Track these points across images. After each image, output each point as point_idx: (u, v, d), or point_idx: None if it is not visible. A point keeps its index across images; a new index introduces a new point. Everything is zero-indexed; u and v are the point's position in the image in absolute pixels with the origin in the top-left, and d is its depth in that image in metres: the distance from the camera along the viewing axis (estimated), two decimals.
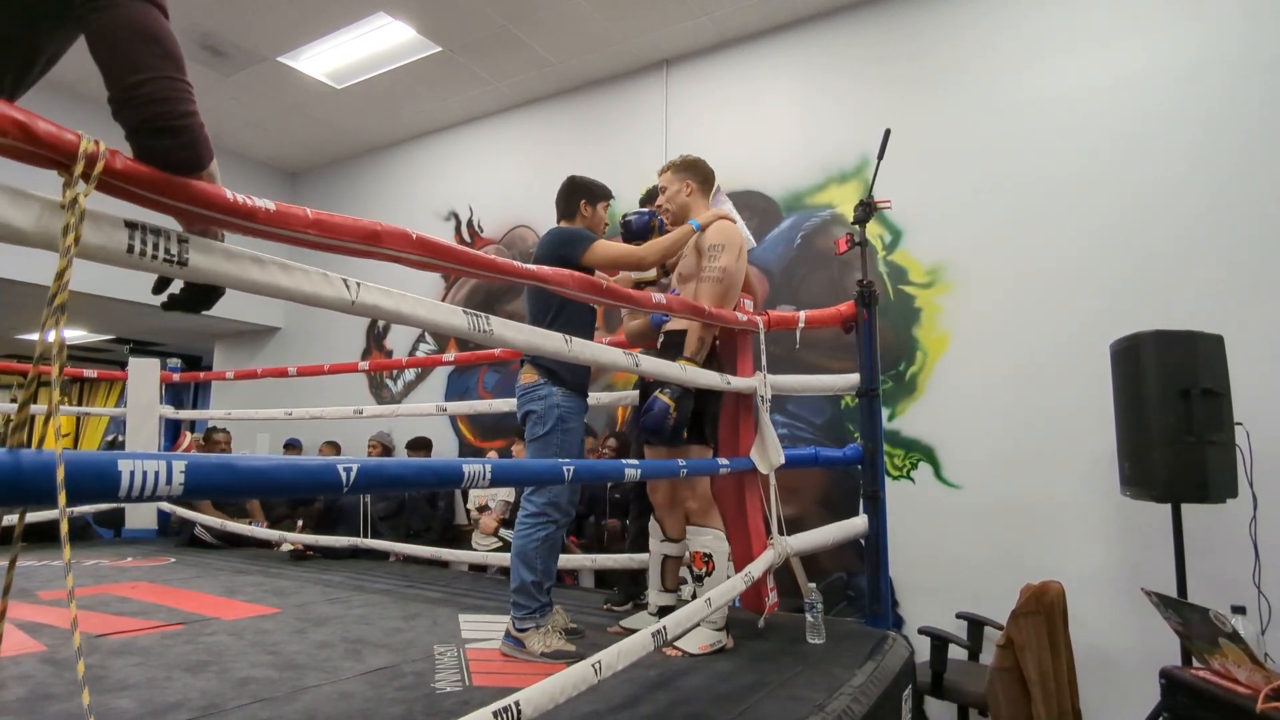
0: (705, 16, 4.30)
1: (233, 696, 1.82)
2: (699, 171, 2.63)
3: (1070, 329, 3.29)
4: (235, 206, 0.94)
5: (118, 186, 0.82)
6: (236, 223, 0.95)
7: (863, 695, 1.91)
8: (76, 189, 0.76)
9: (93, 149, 0.77)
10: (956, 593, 3.32)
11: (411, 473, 1.26)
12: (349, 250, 1.10)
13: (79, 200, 0.76)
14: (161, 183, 0.86)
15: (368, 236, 1.11)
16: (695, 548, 2.41)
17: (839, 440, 3.79)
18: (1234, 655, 1.77)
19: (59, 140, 0.75)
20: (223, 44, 4.65)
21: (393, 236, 1.14)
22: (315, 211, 1.04)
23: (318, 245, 1.06)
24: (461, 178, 5.64)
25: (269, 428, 6.37)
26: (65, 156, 0.75)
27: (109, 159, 0.79)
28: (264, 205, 0.97)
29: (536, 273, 1.47)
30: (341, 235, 1.07)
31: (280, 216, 0.99)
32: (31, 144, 0.73)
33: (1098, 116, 3.36)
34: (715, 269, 2.40)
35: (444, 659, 2.21)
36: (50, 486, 0.71)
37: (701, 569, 2.39)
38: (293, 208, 1.01)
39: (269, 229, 0.99)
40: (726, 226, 2.49)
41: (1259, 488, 2.53)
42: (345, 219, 1.08)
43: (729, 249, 2.42)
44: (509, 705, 1.20)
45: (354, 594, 3.25)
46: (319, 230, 1.04)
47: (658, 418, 2.25)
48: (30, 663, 2.05)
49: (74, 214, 0.75)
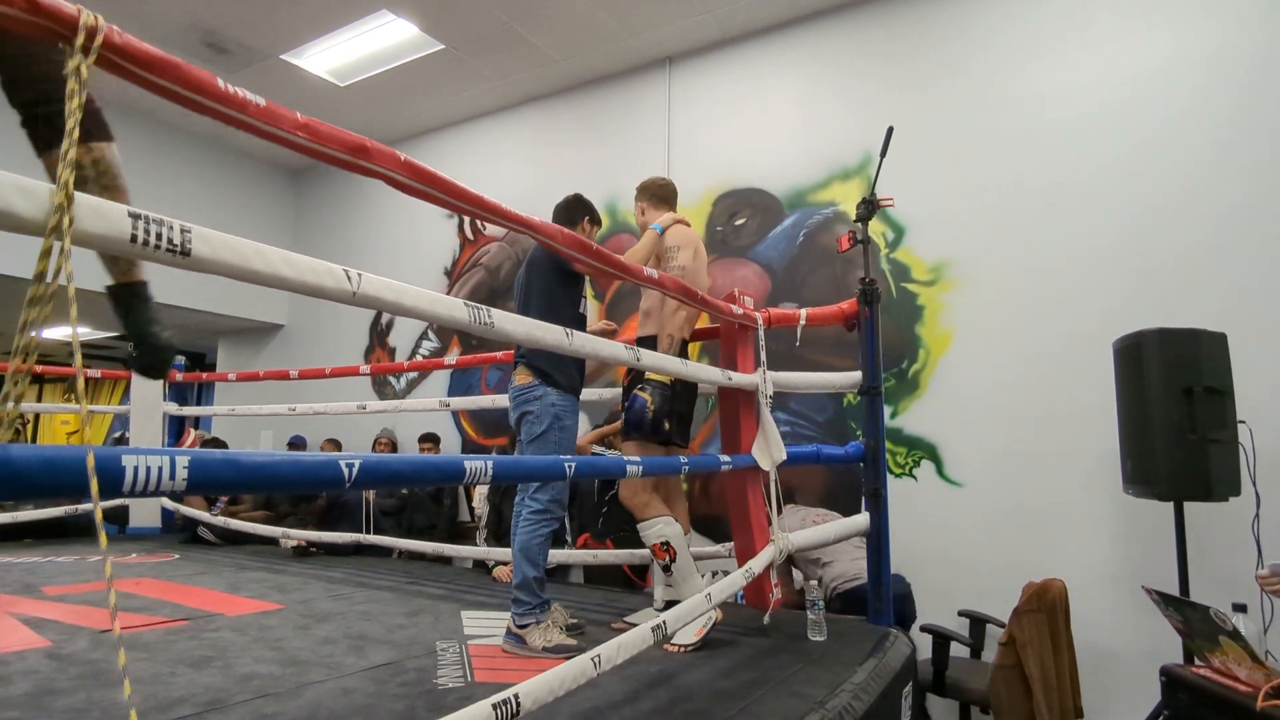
0: (708, 14, 4.30)
1: (236, 692, 1.83)
2: (647, 191, 2.85)
3: (1073, 326, 3.28)
4: (227, 95, 0.94)
5: (116, 63, 0.83)
6: (227, 112, 0.95)
7: (864, 692, 1.91)
8: (78, 60, 0.77)
9: (93, 22, 0.78)
10: (959, 590, 3.32)
11: (413, 469, 1.26)
12: (336, 160, 1.10)
13: (82, 69, 0.77)
14: (157, 62, 0.86)
15: (355, 149, 1.11)
16: (651, 541, 2.46)
17: (841, 438, 3.79)
18: (1235, 653, 1.76)
19: (60, 11, 0.77)
20: (226, 42, 4.66)
21: (381, 154, 1.14)
22: (305, 116, 1.04)
23: (305, 149, 1.05)
24: (464, 175, 5.57)
25: (272, 424, 6.38)
26: (67, 28, 0.77)
27: (108, 33, 0.80)
28: (255, 100, 0.97)
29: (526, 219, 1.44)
30: (329, 143, 1.07)
31: (269, 113, 0.99)
32: (35, 14, 0.75)
33: (1104, 114, 3.35)
34: (675, 268, 2.58)
35: (446, 655, 2.22)
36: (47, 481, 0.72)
37: (664, 558, 2.44)
38: (283, 108, 1.02)
39: (258, 124, 0.99)
40: (683, 229, 2.70)
41: (1262, 486, 2.52)
42: (335, 128, 1.09)
43: (685, 248, 2.62)
44: (508, 698, 1.20)
45: (357, 590, 3.26)
46: (307, 134, 1.04)
47: (638, 413, 2.36)
48: (35, 658, 2.07)
49: (77, 82, 0.77)
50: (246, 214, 6.37)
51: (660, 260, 2.64)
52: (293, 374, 4.51)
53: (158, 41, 0.89)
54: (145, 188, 5.85)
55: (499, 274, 5.35)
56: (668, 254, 2.62)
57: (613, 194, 4.73)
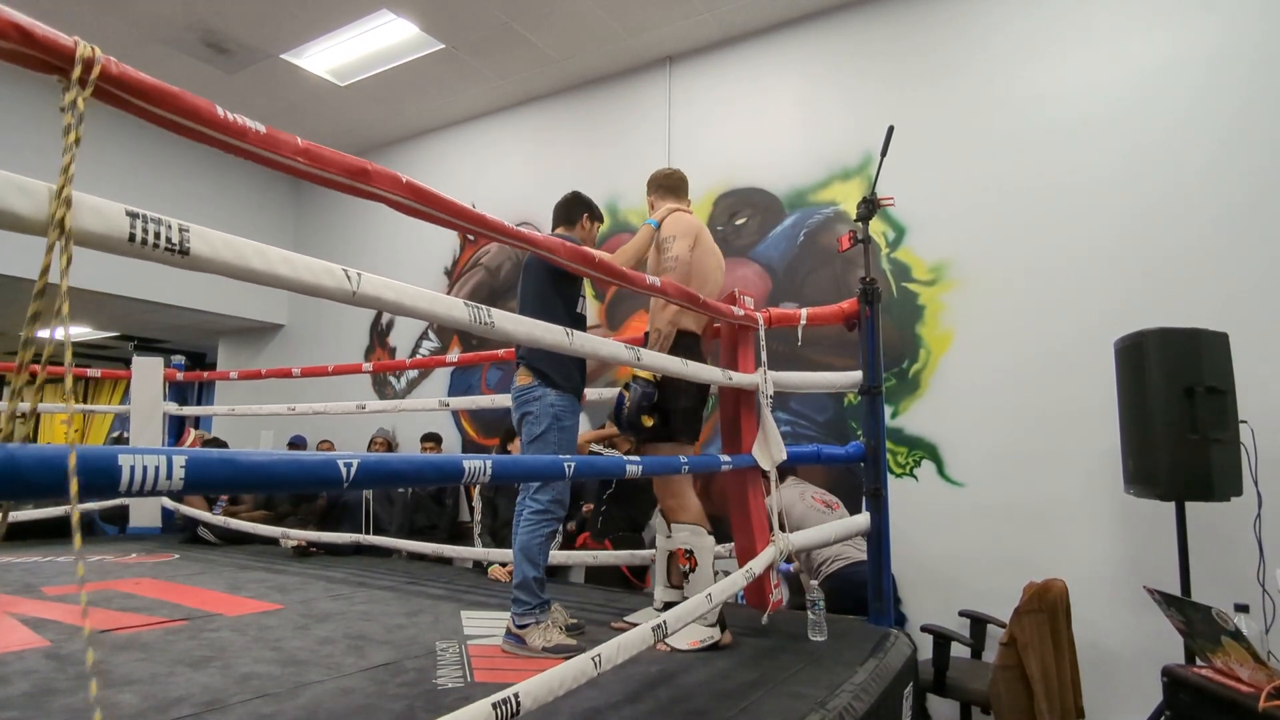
0: (708, 13, 4.29)
1: (235, 692, 1.83)
2: (655, 183, 2.77)
3: (1074, 326, 3.28)
4: (226, 123, 0.94)
5: (113, 94, 0.82)
6: (227, 140, 0.95)
7: (864, 693, 1.91)
8: (75, 92, 0.76)
9: (89, 54, 0.77)
10: (959, 590, 3.32)
11: (411, 468, 1.26)
12: (336, 184, 1.09)
13: (79, 102, 0.76)
14: (154, 92, 0.86)
15: (356, 173, 1.10)
16: (676, 544, 2.45)
17: (842, 438, 3.79)
18: (1236, 654, 1.76)
19: (56, 44, 0.76)
20: (227, 41, 4.66)
21: (381, 177, 1.14)
22: (305, 141, 1.04)
23: (306, 175, 1.05)
24: (465, 175, 5.64)
25: (272, 423, 6.38)
26: (63, 61, 0.76)
27: (105, 64, 0.79)
28: (254, 126, 0.97)
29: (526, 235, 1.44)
30: (330, 167, 1.07)
31: (270, 139, 0.99)
32: (30, 47, 0.74)
33: (1105, 113, 3.35)
34: (669, 259, 2.51)
35: (446, 655, 2.22)
36: (49, 480, 0.71)
37: (685, 565, 2.42)
38: (283, 134, 1.01)
39: (258, 150, 0.98)
40: (678, 217, 2.58)
41: (1263, 486, 2.52)
42: (335, 152, 1.08)
43: (682, 237, 2.52)
44: (508, 697, 1.20)
45: (356, 590, 3.26)
46: (307, 159, 1.04)
47: (618, 409, 2.39)
48: (35, 658, 2.06)
49: (73, 115, 0.76)
50: (247, 214, 6.37)
51: (658, 251, 2.56)
52: (295, 372, 4.51)
53: (158, 42, 0.89)
54: (144, 188, 5.83)
55: (499, 274, 5.35)
56: (663, 245, 2.54)
57: (613, 194, 4.73)
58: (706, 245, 2.60)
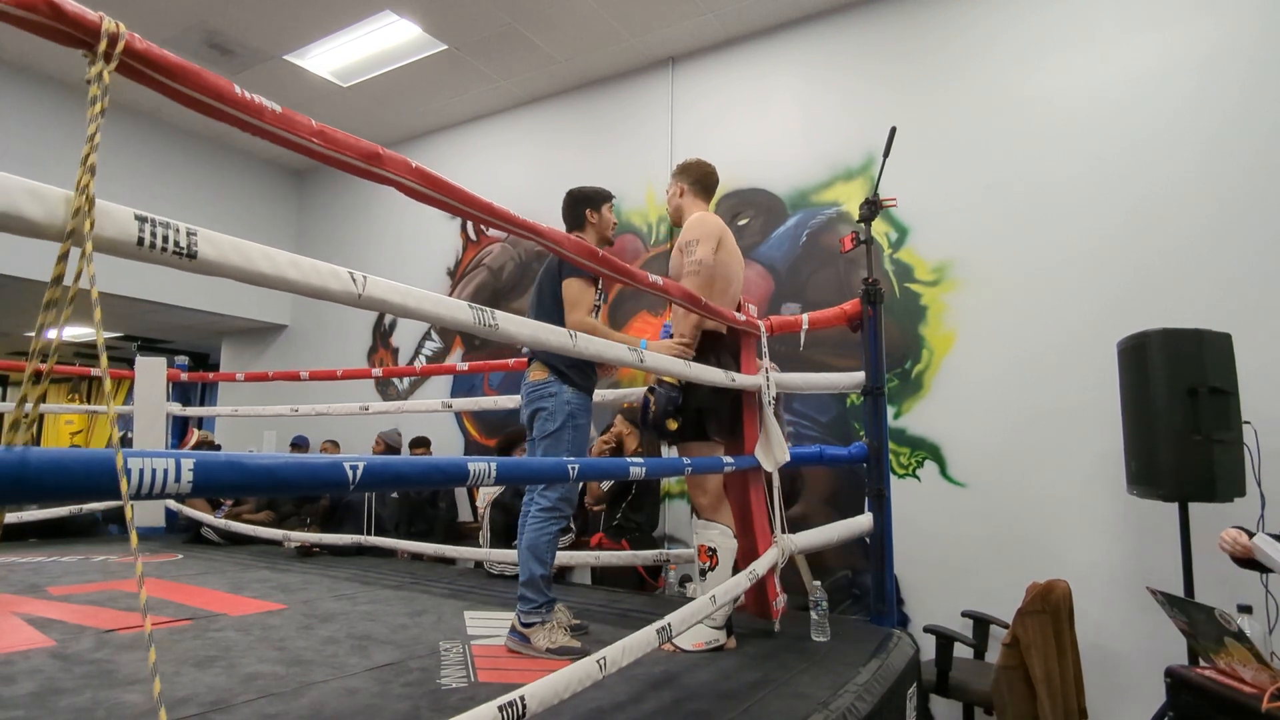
0: (711, 14, 4.30)
1: (240, 692, 1.83)
2: (690, 173, 2.66)
3: (1077, 327, 3.28)
4: (243, 101, 0.95)
5: (136, 69, 0.84)
6: (244, 119, 0.96)
7: (867, 693, 1.91)
8: (100, 65, 0.79)
9: (114, 29, 0.80)
10: (962, 591, 3.32)
11: (417, 471, 1.26)
12: (350, 166, 1.11)
13: (104, 75, 0.79)
14: (175, 68, 0.88)
15: (369, 156, 1.12)
16: (701, 541, 2.44)
17: (844, 438, 3.79)
18: (1240, 654, 1.76)
19: (83, 19, 0.78)
20: (229, 42, 4.67)
21: (393, 161, 1.15)
22: (320, 123, 1.06)
23: (320, 156, 1.07)
24: (467, 176, 5.65)
25: (275, 424, 6.39)
26: (89, 35, 0.79)
27: (129, 40, 0.81)
28: (271, 106, 0.99)
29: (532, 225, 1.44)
30: (344, 150, 1.09)
31: (286, 119, 1.00)
32: (58, 20, 0.76)
33: (1106, 113, 3.35)
34: (692, 263, 2.44)
35: (450, 655, 2.22)
36: (60, 484, 0.72)
37: (705, 563, 2.41)
38: (299, 114, 1.03)
39: (274, 129, 1.00)
40: (703, 218, 2.52)
41: (1266, 486, 2.52)
42: (349, 135, 1.10)
43: (705, 240, 2.45)
44: (514, 700, 1.20)
45: (360, 590, 3.27)
46: (322, 140, 1.05)
47: (644, 413, 2.37)
48: (40, 657, 2.07)
49: (99, 88, 0.78)
50: (249, 215, 6.39)
51: (681, 254, 2.51)
52: (303, 375, 4.51)
53: (161, 43, 0.90)
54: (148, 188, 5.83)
55: (501, 275, 5.35)
56: (687, 248, 2.48)
57: (615, 194, 4.72)
58: (730, 247, 2.54)
